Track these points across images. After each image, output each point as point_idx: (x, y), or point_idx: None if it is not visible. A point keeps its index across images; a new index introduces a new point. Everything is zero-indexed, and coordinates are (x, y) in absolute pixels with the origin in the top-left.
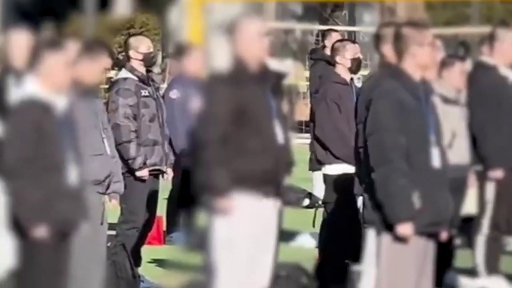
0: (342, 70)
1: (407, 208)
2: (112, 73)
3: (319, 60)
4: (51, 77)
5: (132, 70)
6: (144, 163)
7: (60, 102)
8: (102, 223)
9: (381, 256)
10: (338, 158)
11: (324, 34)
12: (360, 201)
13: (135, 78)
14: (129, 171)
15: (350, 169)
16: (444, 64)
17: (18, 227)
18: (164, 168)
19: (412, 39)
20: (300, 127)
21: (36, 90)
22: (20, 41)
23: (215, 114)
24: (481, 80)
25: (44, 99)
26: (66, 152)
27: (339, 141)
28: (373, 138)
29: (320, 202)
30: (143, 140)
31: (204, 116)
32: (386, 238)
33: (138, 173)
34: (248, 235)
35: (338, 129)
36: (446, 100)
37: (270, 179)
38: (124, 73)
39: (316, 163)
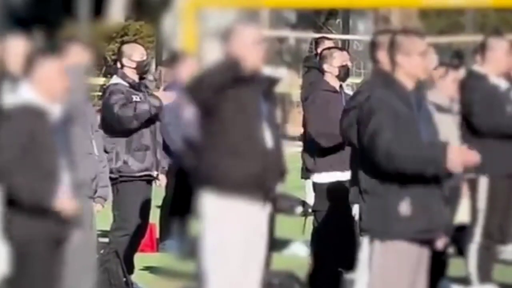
0: (331, 78)
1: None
2: (104, 80)
3: (313, 68)
4: (46, 84)
5: (123, 77)
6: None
7: (55, 109)
8: (91, 229)
9: (374, 263)
10: (327, 166)
11: (317, 42)
12: (355, 208)
13: (126, 84)
14: (121, 176)
15: (339, 176)
16: (436, 73)
17: (11, 234)
18: (154, 173)
19: (400, 48)
20: (294, 135)
21: (30, 97)
22: (16, 47)
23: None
24: (472, 89)
25: (38, 106)
26: (59, 159)
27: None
28: (370, 145)
29: (310, 210)
30: (136, 145)
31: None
32: (379, 245)
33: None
34: (239, 241)
35: (328, 135)
36: (439, 108)
37: (258, 183)
38: (114, 79)
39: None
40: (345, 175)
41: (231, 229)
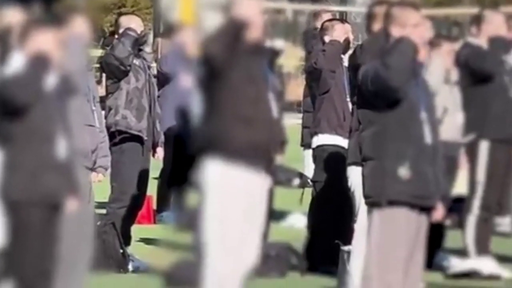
0: None
1: None
2: (101, 52)
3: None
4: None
5: None
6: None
7: (49, 79)
8: (89, 202)
9: (372, 233)
10: (330, 129)
11: (315, 14)
12: (351, 179)
13: None
14: (118, 131)
15: (340, 141)
16: (432, 45)
17: (7, 204)
18: (144, 136)
19: (394, 19)
20: (291, 107)
21: (21, 66)
22: (13, 18)
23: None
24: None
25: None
26: (56, 127)
27: (332, 112)
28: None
29: (308, 181)
30: (135, 103)
31: None
32: (377, 215)
33: None
34: (240, 210)
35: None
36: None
37: (263, 151)
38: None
39: (308, 137)
40: (345, 142)
41: (233, 198)
